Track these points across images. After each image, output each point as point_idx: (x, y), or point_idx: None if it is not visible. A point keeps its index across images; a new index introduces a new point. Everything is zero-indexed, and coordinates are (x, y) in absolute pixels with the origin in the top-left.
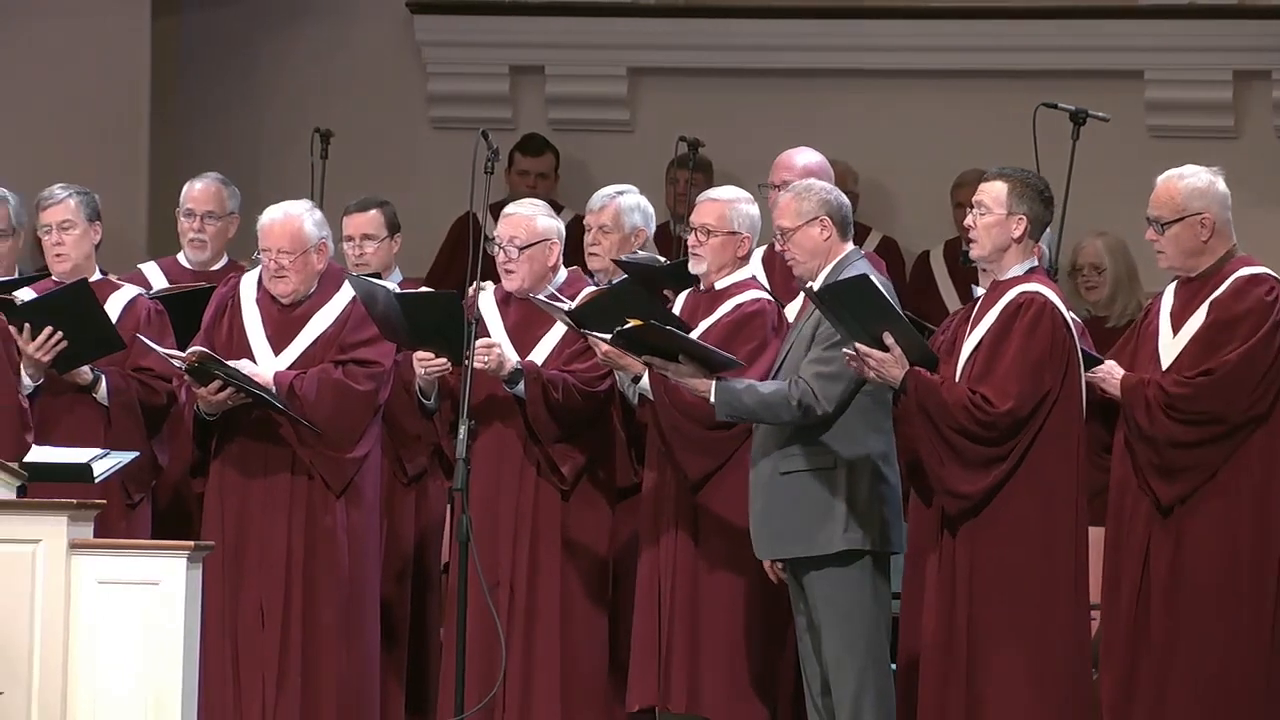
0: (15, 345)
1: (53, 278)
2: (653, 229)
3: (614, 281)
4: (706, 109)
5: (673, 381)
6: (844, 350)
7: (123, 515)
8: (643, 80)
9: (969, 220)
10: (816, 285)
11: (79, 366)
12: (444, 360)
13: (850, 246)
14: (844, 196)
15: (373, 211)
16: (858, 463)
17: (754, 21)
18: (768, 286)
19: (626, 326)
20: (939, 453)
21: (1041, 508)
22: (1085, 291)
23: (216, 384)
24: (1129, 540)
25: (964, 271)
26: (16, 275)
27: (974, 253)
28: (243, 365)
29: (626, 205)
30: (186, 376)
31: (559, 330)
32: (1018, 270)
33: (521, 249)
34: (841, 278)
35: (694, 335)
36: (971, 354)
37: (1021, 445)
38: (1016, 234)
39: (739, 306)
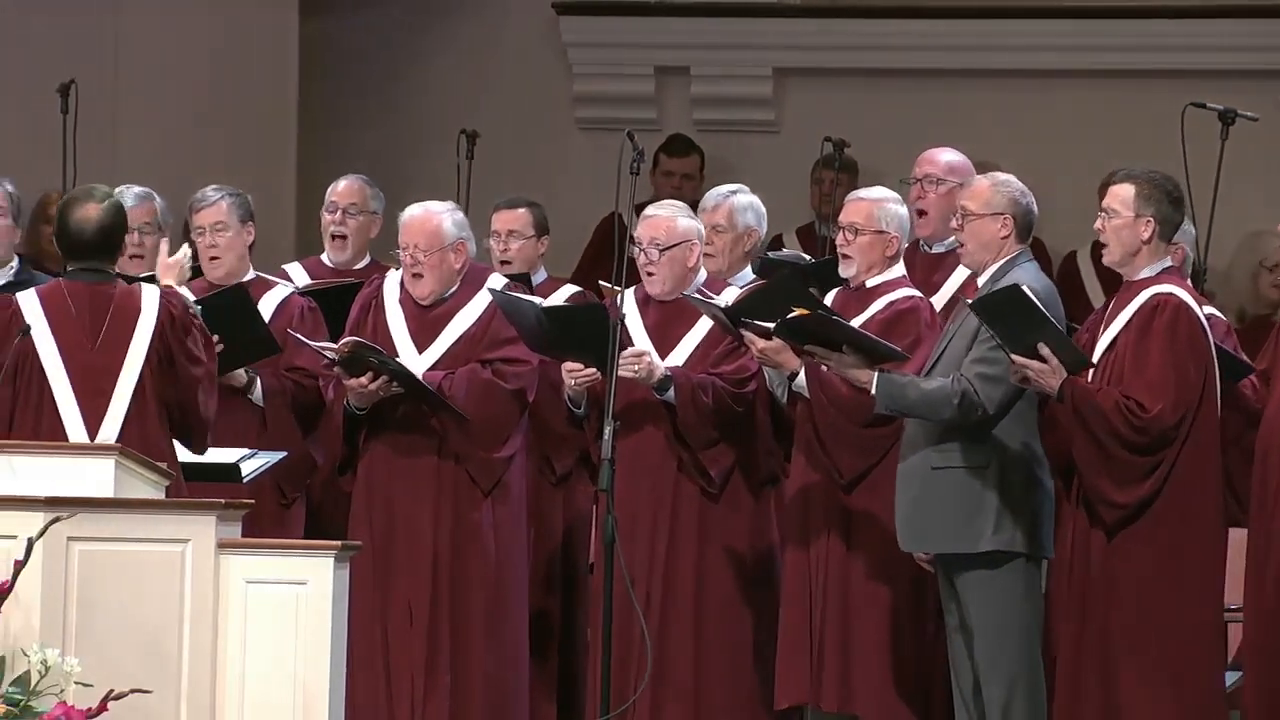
0: None
1: (206, 279)
2: (764, 229)
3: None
4: (852, 109)
5: (833, 372)
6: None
7: (278, 515)
8: (788, 80)
9: (1099, 224)
10: (981, 279)
11: (235, 370)
12: (594, 370)
13: (1021, 248)
14: (1034, 203)
15: (521, 210)
16: (1012, 464)
17: (899, 21)
18: None
19: (792, 315)
20: (1095, 462)
21: (1186, 511)
22: (1269, 290)
23: (369, 375)
24: (1275, 539)
25: (1111, 272)
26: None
27: (1105, 258)
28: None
29: (740, 204)
30: (337, 368)
31: (700, 331)
32: (1149, 272)
33: (662, 250)
34: (997, 286)
35: None
36: (1104, 355)
37: (1173, 453)
38: (1145, 236)
39: (891, 304)
